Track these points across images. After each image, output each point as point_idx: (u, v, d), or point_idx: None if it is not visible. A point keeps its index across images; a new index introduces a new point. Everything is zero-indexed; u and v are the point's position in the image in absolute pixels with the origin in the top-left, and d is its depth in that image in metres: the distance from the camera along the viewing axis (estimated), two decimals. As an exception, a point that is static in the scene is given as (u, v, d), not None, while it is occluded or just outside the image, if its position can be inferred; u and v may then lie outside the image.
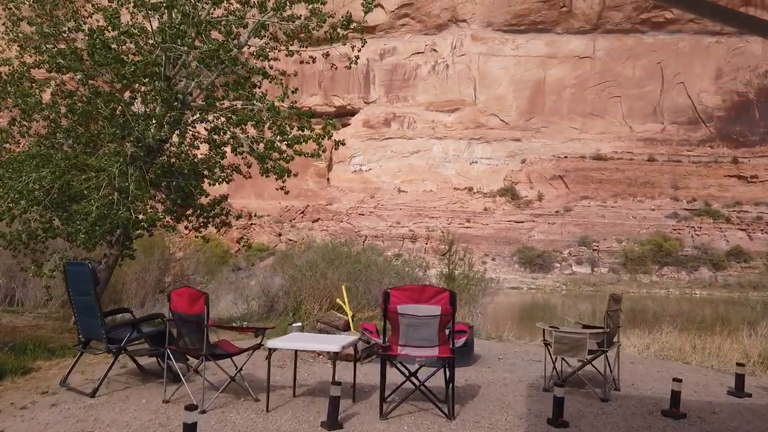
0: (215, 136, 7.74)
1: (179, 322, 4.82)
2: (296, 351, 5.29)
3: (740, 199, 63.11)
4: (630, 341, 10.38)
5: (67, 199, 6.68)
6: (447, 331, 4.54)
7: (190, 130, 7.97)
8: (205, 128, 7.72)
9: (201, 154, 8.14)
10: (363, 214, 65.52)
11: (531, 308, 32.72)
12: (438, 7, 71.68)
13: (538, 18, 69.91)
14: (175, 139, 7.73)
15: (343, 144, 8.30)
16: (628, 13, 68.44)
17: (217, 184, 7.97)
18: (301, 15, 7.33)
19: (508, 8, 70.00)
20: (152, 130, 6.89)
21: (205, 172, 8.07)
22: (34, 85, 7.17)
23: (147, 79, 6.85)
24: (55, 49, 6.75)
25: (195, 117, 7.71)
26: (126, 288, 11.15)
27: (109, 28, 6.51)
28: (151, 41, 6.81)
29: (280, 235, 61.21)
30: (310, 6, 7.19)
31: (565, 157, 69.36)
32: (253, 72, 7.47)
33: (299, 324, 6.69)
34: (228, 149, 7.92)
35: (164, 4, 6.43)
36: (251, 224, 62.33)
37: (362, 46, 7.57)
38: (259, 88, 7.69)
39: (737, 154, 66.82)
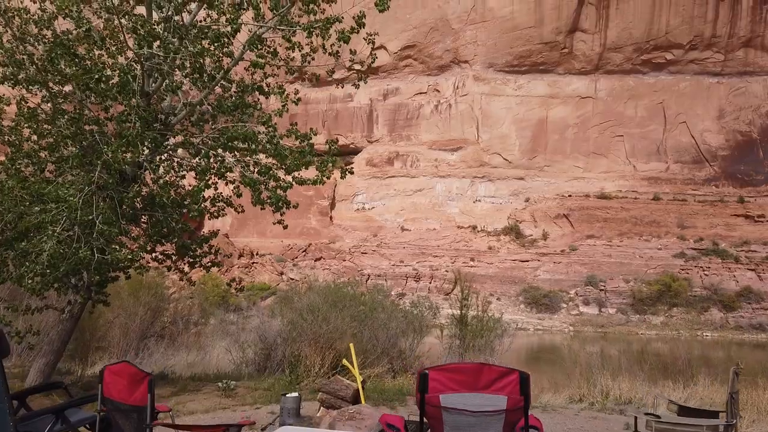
0: (201, 161, 6.76)
1: (115, 414, 3.59)
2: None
3: (748, 238, 62.14)
4: (665, 395, 9.41)
5: (18, 236, 5.64)
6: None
7: (174, 157, 7.05)
8: (189, 152, 6.79)
9: (189, 185, 7.18)
10: (366, 253, 64.59)
11: (542, 351, 31.44)
12: (440, 48, 72.52)
13: (539, 59, 70.56)
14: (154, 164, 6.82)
15: (351, 172, 7.46)
16: (628, 54, 69.09)
17: (201, 216, 7.03)
18: (299, 21, 6.54)
19: (510, 50, 70.72)
20: (128, 155, 5.88)
21: (193, 205, 7.00)
22: None
23: (121, 95, 5.99)
24: (13, 59, 5.96)
25: (177, 139, 6.77)
26: (109, 335, 10.17)
27: (75, 33, 5.75)
28: (129, 53, 6.00)
29: (281, 273, 60.19)
30: (313, 17, 6.44)
31: (569, 195, 68.85)
32: (247, 90, 6.64)
33: (295, 394, 5.39)
34: (217, 179, 6.93)
35: None
36: (253, 263, 61.50)
37: (370, 54, 6.79)
38: (256, 108, 6.81)
39: (743, 194, 66.25)
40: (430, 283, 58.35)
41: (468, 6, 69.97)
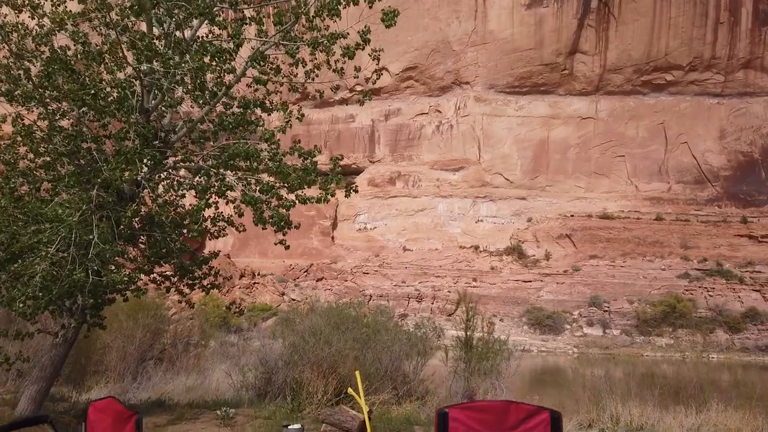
0: (201, 179, 6.55)
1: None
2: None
3: (752, 259, 61.75)
4: (675, 420, 9.13)
5: (10, 257, 5.36)
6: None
7: (174, 175, 6.85)
8: (189, 171, 6.60)
9: (189, 205, 6.96)
10: (368, 273, 64.24)
11: (547, 373, 30.99)
12: (441, 70, 73.09)
13: (540, 80, 71.03)
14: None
15: (356, 191, 7.31)
16: (628, 75, 69.51)
17: (202, 236, 6.81)
18: (303, 36, 6.40)
19: (510, 71, 71.24)
20: (126, 174, 5.65)
21: (192, 225, 6.77)
22: None
23: (120, 112, 5.82)
24: (10, 75, 5.80)
25: (178, 158, 6.58)
26: (106, 359, 9.86)
27: (73, 49, 5.63)
28: (128, 70, 5.84)
29: (283, 294, 59.87)
30: (317, 33, 6.30)
31: (572, 215, 68.66)
32: (249, 106, 6.48)
33: (298, 426, 5.05)
34: (217, 198, 6.73)
35: (133, 9, 5.41)
36: (254, 283, 61.21)
37: (376, 73, 6.60)
38: (258, 125, 6.64)
39: (746, 214, 66.01)
40: (432, 303, 57.93)
41: (469, 28, 70.69)
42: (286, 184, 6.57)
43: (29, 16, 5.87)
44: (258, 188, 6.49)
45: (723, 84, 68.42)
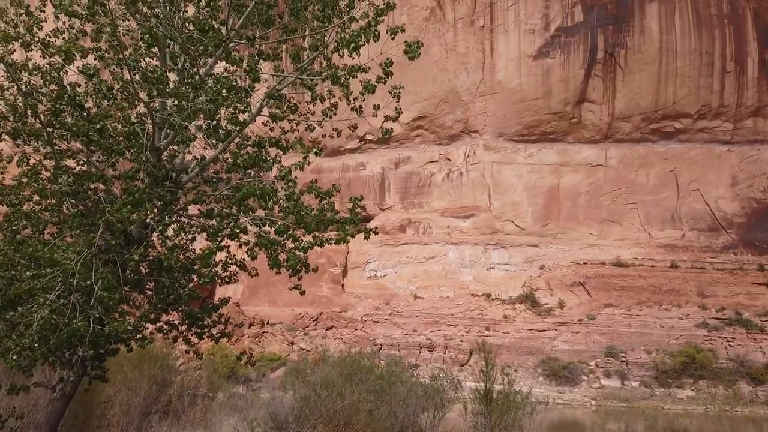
0: (211, 222, 6.26)
1: None
2: None
3: (772, 307, 60.18)
4: None
5: (6, 304, 4.92)
6: None
7: (184, 218, 6.57)
8: (200, 210, 6.32)
9: (199, 249, 6.66)
10: (378, 322, 63.24)
11: (564, 428, 29.74)
12: (451, 119, 74.14)
13: (548, 129, 71.66)
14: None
15: (375, 232, 7.07)
16: (637, 123, 69.96)
17: (212, 282, 6.50)
18: (321, 70, 6.25)
19: (519, 119, 72.06)
20: (134, 216, 5.30)
21: (202, 270, 6.44)
22: None
23: (130, 150, 5.60)
24: (17, 112, 5.63)
25: (189, 198, 6.32)
26: (109, 413, 9.37)
27: (83, 86, 5.50)
28: (139, 108, 5.67)
29: (292, 343, 58.96)
30: (334, 69, 6.14)
31: (585, 263, 67.78)
32: (263, 145, 6.27)
33: None
34: (229, 241, 6.44)
35: (145, 39, 5.28)
36: (263, 332, 60.46)
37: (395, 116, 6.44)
38: (275, 161, 6.42)
39: (762, 261, 64.78)
40: (444, 353, 56.64)
41: (477, 79, 72.03)
42: (301, 225, 6.32)
43: (40, 55, 5.78)
44: (273, 229, 6.24)
45: (732, 131, 68.58)
